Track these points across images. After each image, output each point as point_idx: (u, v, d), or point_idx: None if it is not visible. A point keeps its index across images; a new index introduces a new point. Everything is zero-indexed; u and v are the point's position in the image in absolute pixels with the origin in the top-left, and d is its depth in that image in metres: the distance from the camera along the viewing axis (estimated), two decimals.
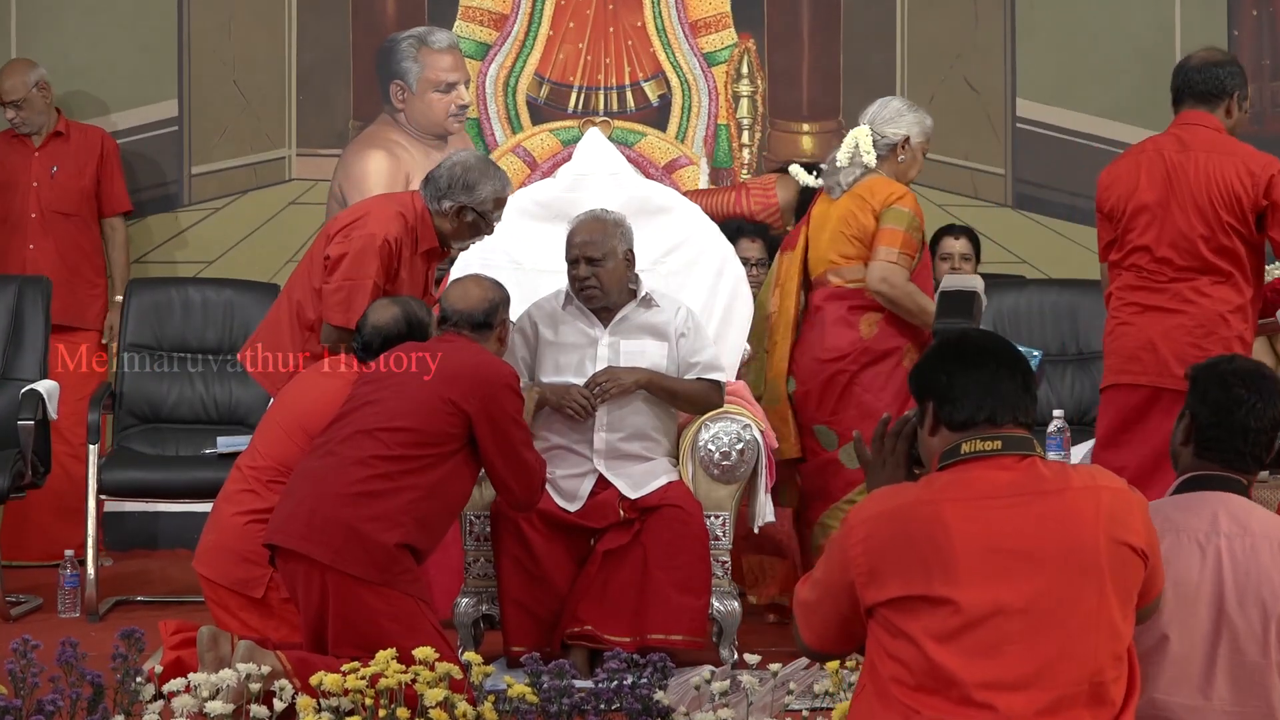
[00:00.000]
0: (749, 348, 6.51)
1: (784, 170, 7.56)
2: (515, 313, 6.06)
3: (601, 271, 5.95)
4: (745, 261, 7.40)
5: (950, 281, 6.14)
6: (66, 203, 7.95)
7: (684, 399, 6.02)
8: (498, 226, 6.10)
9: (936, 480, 3.49)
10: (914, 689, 3.37)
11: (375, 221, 5.93)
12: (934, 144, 6.35)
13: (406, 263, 5.96)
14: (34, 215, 7.90)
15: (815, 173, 6.77)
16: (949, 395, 3.53)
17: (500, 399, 5.30)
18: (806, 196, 7.09)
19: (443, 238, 6.04)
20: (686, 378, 6.02)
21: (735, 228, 7.39)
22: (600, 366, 5.98)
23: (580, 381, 5.95)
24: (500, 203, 6.03)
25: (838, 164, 6.35)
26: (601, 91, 8.46)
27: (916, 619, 3.39)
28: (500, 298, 5.58)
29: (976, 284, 6.14)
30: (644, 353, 6.00)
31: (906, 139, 6.38)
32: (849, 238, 6.32)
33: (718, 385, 6.04)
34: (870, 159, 6.31)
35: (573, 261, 5.98)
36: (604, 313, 6.04)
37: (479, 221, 6.02)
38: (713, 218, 7.27)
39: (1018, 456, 3.47)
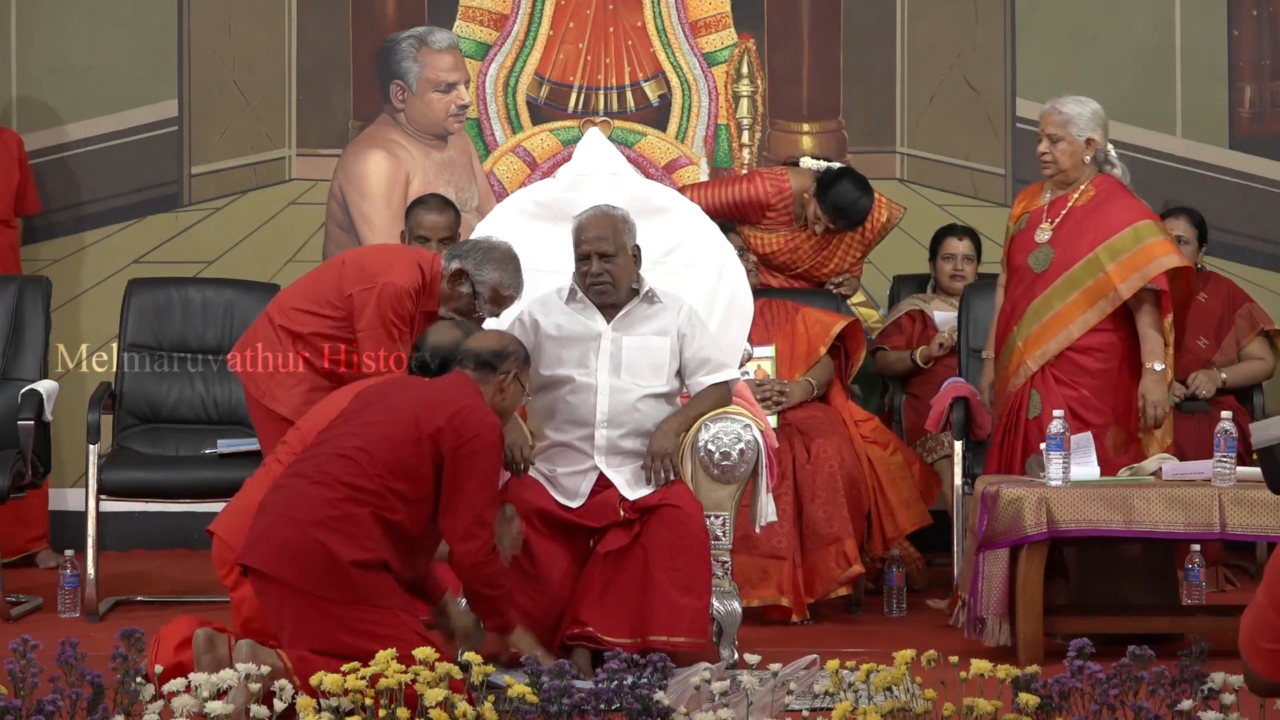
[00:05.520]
0: (749, 348, 6.51)
1: (792, 164, 7.58)
2: (514, 311, 6.08)
3: (613, 267, 5.96)
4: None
5: (1259, 440, 5.49)
6: (3, 206, 7.92)
7: (708, 416, 6.03)
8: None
9: None
10: None
11: (396, 272, 5.94)
12: (934, 144, 6.34)
13: (416, 317, 5.97)
14: None
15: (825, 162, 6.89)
16: None
17: (477, 449, 5.21)
18: (824, 184, 7.18)
19: (440, 300, 6.03)
20: (698, 375, 6.02)
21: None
22: (603, 361, 5.97)
23: (581, 375, 5.95)
24: (498, 298, 5.95)
25: None
26: (601, 91, 8.46)
27: None
28: (514, 350, 5.52)
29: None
30: (646, 348, 6.00)
31: None
32: None
33: (727, 385, 6.06)
34: None
35: (583, 257, 5.98)
36: (607, 308, 6.04)
37: (471, 298, 5.97)
38: (722, 206, 7.35)
39: None
